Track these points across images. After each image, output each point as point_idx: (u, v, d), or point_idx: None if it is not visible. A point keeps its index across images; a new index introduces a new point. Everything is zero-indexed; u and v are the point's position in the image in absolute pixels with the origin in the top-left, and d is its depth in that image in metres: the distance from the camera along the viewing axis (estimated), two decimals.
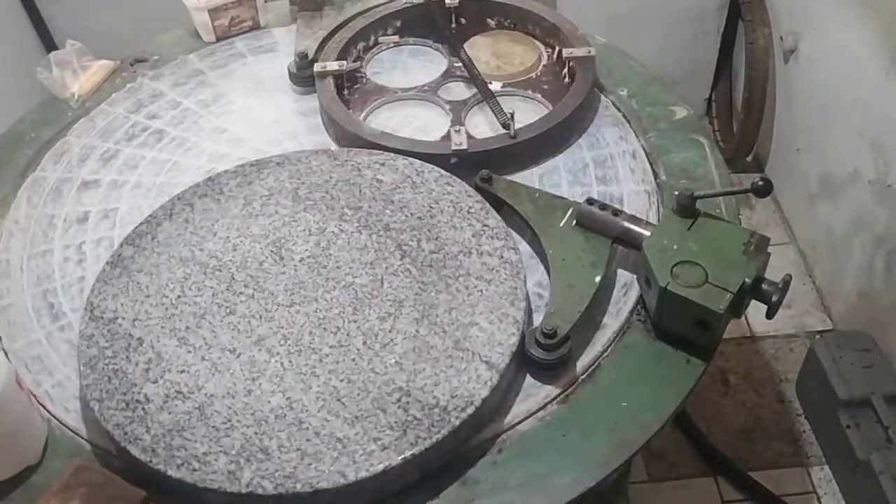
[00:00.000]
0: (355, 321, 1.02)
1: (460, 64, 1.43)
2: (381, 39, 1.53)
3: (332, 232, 1.12)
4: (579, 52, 1.39)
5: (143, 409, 0.95)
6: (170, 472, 0.89)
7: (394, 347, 0.99)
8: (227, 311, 1.04)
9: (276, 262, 1.09)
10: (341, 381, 0.96)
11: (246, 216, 1.15)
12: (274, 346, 1.00)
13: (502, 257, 1.08)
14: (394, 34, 1.53)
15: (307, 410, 0.93)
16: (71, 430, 1.01)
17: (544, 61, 1.45)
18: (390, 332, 1.00)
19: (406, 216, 1.14)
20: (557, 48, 1.45)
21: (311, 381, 0.96)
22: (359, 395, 0.94)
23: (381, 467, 0.88)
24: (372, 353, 0.98)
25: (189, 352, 0.99)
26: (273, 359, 0.99)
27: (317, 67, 1.39)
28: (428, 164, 1.21)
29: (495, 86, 1.40)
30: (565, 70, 1.41)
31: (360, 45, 1.50)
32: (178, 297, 1.06)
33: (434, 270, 1.06)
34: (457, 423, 0.92)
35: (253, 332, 1.02)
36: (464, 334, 0.99)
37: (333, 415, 0.93)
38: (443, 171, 1.20)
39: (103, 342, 1.01)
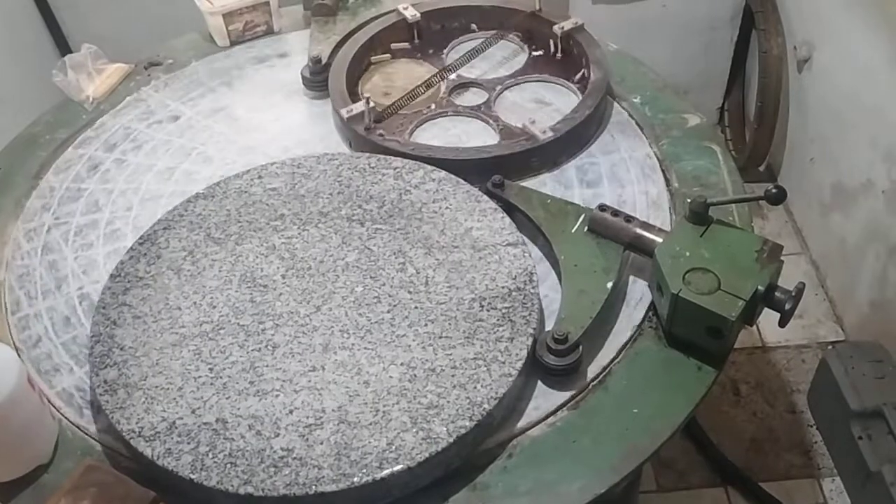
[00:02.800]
0: (383, 281, 1.07)
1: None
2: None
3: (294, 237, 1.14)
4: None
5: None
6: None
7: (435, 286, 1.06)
8: (272, 349, 1.01)
9: (262, 292, 1.07)
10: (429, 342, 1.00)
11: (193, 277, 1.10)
12: (344, 341, 1.01)
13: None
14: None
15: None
16: (82, 431, 1.01)
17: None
18: (419, 273, 1.07)
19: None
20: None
21: (407, 349, 1.00)
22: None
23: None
24: (423, 293, 1.05)
25: (277, 396, 0.96)
26: (354, 348, 1.00)
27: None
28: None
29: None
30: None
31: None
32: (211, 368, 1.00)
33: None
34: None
35: (314, 345, 1.01)
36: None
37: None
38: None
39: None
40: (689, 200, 1.07)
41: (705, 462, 1.85)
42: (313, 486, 0.87)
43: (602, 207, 1.12)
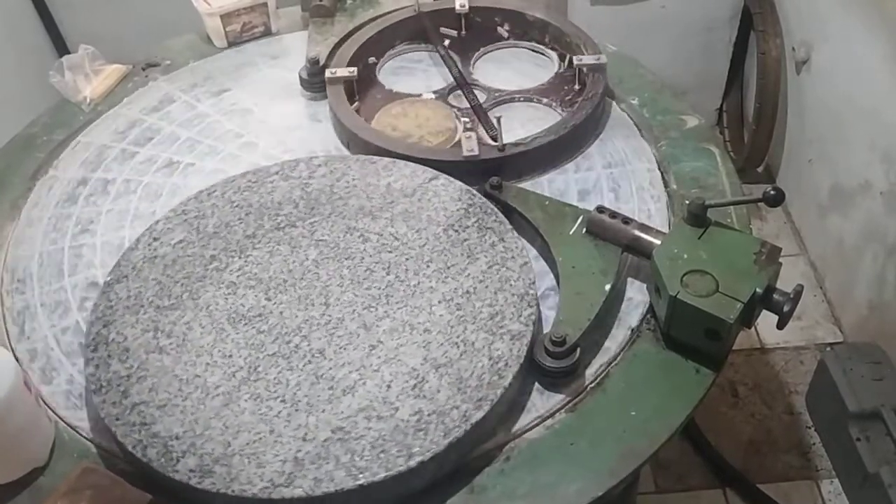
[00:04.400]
0: (359, 256, 1.10)
1: (472, 72, 1.44)
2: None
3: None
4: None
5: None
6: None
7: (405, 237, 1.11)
8: (321, 354, 1.00)
9: (263, 320, 1.04)
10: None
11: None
12: (376, 314, 1.04)
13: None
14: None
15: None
16: (78, 433, 1.01)
17: (459, 131, 1.33)
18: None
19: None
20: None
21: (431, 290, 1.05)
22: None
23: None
24: (402, 246, 1.10)
25: (364, 383, 0.97)
26: (389, 313, 1.03)
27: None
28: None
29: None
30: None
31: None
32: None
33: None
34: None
35: (354, 330, 1.02)
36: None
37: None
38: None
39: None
40: (687, 202, 1.06)
41: (703, 463, 1.85)
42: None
43: (600, 209, 1.12)
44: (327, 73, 1.39)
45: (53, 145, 1.40)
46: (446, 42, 1.52)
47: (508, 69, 1.49)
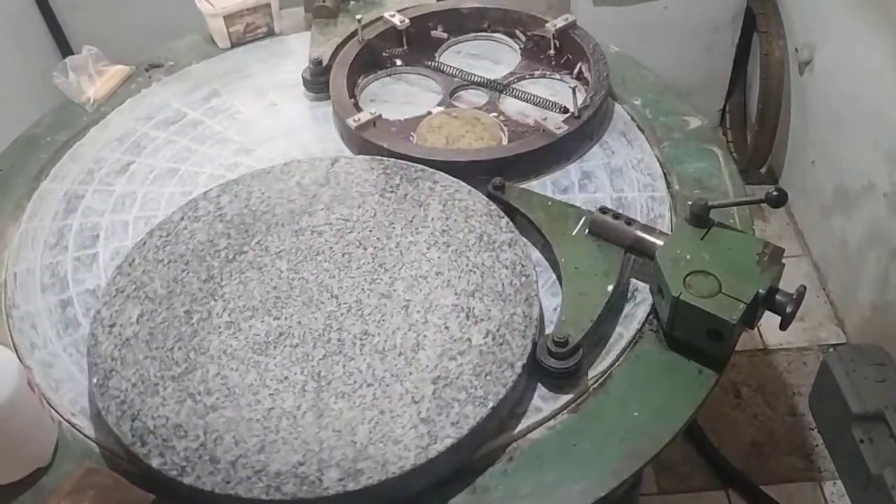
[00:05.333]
0: (332, 244, 1.12)
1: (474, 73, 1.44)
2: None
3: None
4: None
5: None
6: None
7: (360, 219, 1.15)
8: (363, 336, 1.01)
9: (287, 337, 1.03)
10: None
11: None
12: (389, 283, 1.07)
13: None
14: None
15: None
16: (81, 433, 1.01)
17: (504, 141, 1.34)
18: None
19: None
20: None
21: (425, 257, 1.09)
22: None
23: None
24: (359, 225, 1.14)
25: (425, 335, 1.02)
26: (399, 278, 1.07)
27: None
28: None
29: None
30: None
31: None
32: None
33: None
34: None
35: (377, 304, 1.05)
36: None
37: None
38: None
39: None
40: (689, 203, 1.07)
41: (706, 465, 1.84)
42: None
43: (603, 210, 1.12)
44: (349, 122, 1.32)
45: (57, 146, 1.40)
46: (398, 62, 1.51)
47: (476, 63, 1.51)
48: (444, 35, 1.54)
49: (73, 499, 0.89)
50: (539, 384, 1.02)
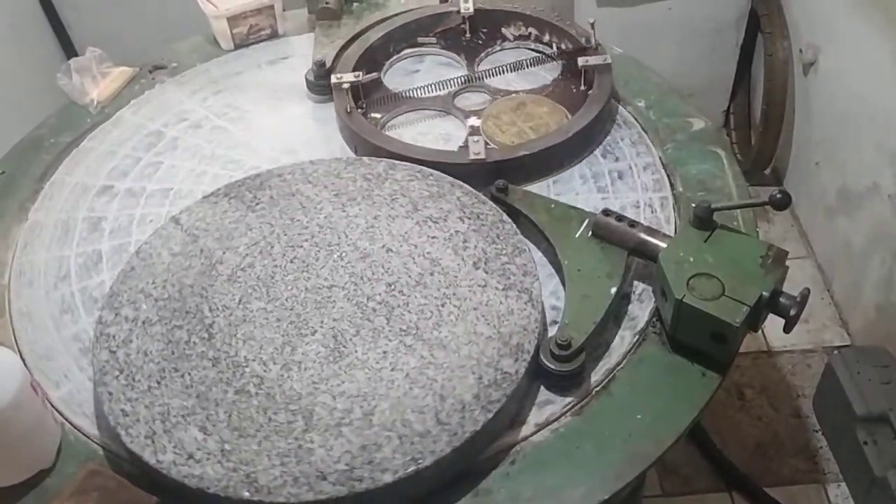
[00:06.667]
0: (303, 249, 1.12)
1: (478, 73, 1.44)
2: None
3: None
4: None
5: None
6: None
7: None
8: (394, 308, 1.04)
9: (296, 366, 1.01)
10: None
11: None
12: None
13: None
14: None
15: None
16: (84, 435, 1.01)
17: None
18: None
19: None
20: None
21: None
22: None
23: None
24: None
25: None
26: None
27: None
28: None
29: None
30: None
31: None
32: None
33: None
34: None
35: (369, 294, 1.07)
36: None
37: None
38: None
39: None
40: (693, 205, 1.06)
41: (710, 467, 1.84)
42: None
43: (606, 212, 1.12)
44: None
45: (61, 147, 1.40)
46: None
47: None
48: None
49: (75, 501, 0.89)
50: (542, 387, 1.02)
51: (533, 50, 1.53)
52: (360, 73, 1.40)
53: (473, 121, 1.35)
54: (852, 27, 1.93)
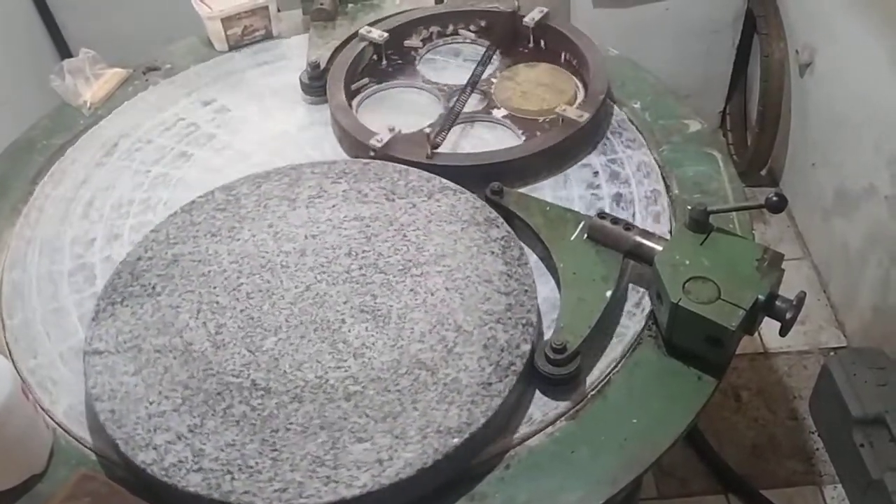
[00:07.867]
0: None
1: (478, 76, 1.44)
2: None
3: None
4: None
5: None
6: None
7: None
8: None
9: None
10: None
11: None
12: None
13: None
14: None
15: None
16: (76, 440, 1.00)
17: (580, 97, 1.40)
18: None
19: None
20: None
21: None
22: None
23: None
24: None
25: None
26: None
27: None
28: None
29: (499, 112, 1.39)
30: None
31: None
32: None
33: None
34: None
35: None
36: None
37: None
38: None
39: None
40: (689, 208, 1.06)
41: (706, 469, 1.84)
42: None
43: (601, 215, 1.12)
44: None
45: (53, 149, 1.39)
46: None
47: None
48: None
49: None
50: (537, 391, 1.01)
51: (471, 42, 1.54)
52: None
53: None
54: (849, 28, 1.93)
